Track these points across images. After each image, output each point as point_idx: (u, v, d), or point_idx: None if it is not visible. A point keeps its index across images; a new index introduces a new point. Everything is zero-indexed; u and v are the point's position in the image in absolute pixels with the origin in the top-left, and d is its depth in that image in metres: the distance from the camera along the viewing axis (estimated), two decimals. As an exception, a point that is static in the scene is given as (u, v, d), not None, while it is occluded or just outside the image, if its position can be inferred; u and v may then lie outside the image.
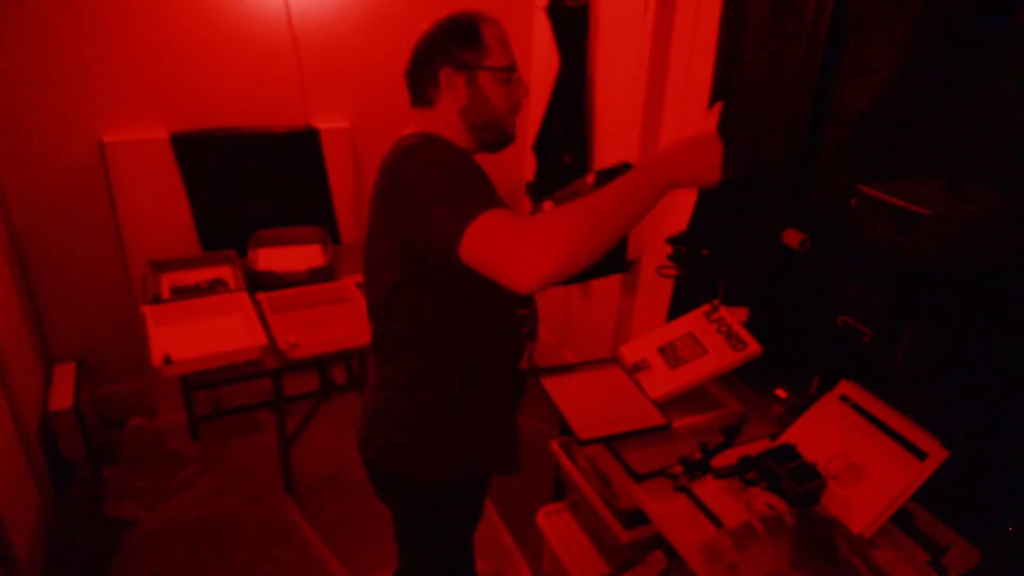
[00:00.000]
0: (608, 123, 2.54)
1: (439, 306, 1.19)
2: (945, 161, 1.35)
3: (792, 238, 1.57)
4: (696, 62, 2.03)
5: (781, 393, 1.69)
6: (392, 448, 1.31)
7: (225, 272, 2.48)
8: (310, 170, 2.72)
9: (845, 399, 1.46)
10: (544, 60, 2.74)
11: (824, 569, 1.20)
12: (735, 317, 1.69)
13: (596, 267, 0.97)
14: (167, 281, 2.40)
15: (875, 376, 1.44)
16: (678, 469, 1.41)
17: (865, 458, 1.35)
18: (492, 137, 1.24)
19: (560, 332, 3.09)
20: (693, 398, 1.64)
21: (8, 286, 2.29)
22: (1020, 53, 1.21)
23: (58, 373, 2.53)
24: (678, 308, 2.09)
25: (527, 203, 3.05)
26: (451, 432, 1.29)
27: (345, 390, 3.00)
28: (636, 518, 1.52)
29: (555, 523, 1.83)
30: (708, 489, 1.38)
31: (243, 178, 2.63)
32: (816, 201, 1.62)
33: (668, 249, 1.80)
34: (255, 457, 2.60)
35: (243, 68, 2.51)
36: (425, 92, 1.22)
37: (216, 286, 2.37)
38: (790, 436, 1.46)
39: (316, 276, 2.42)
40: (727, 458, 1.43)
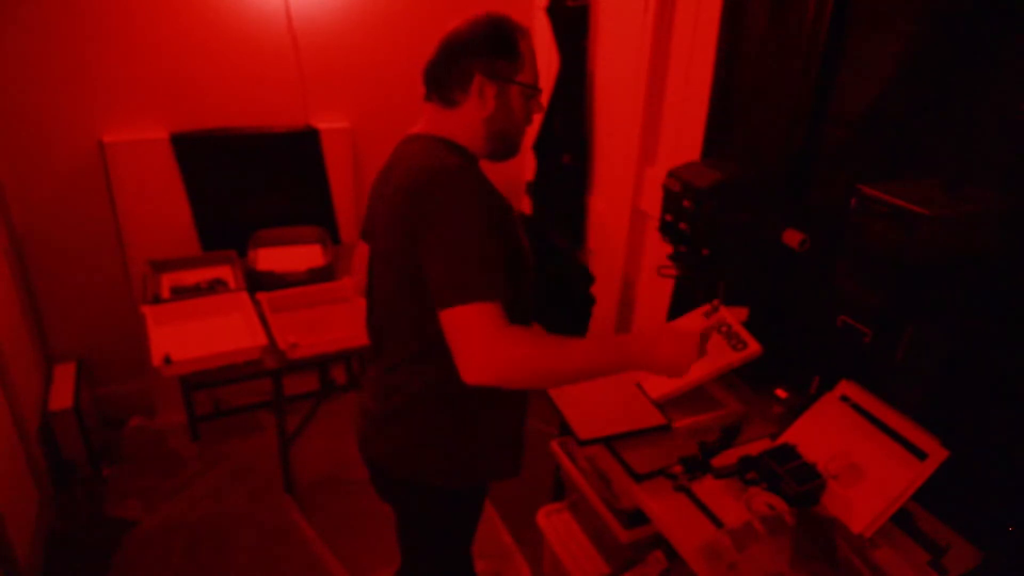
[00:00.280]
0: (608, 123, 2.54)
1: None
2: (945, 161, 1.35)
3: (792, 238, 1.57)
4: (696, 62, 2.03)
5: (781, 393, 1.69)
6: (402, 454, 1.31)
7: (225, 272, 2.48)
8: (310, 170, 2.72)
9: (845, 399, 1.46)
10: (544, 60, 2.74)
11: (824, 569, 1.20)
12: (735, 317, 1.69)
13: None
14: (167, 281, 2.40)
15: (875, 376, 1.44)
16: (678, 469, 1.41)
17: (865, 458, 1.35)
18: (503, 149, 1.25)
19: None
20: (693, 398, 1.64)
21: (8, 286, 2.28)
22: (1020, 53, 1.21)
23: (58, 373, 2.52)
24: (678, 308, 2.09)
25: (527, 202, 3.06)
26: (463, 440, 1.29)
27: (345, 390, 3.00)
28: (636, 518, 1.52)
29: (555, 523, 1.83)
30: (708, 489, 1.38)
31: (243, 178, 2.63)
32: (816, 201, 1.62)
33: (668, 249, 1.80)
34: (255, 457, 2.60)
35: (243, 68, 2.51)
36: (451, 92, 1.20)
37: (216, 286, 2.37)
38: (790, 436, 1.46)
39: (316, 276, 2.42)
40: (727, 458, 1.43)
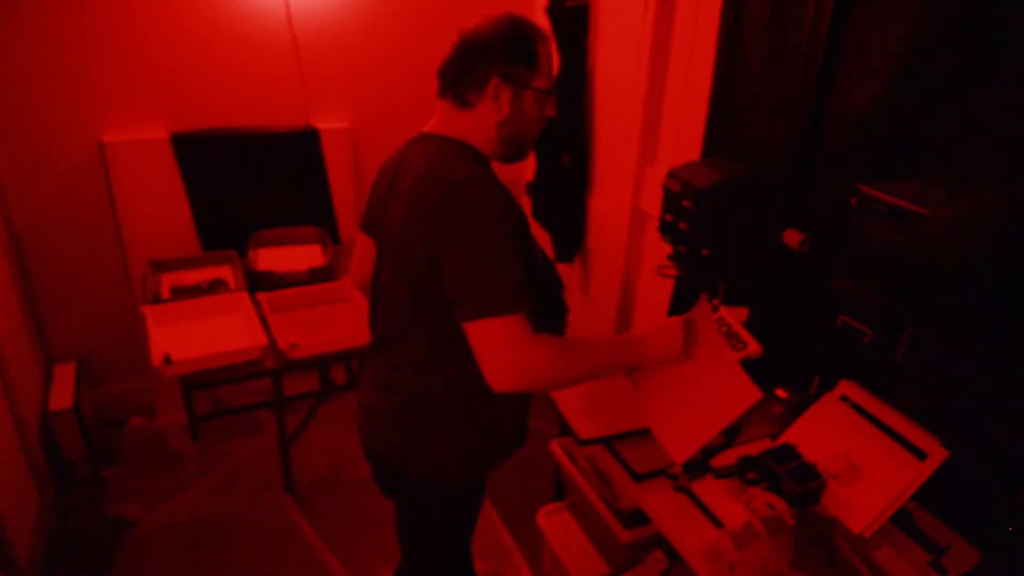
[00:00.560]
0: (608, 123, 2.53)
1: None
2: (945, 161, 1.35)
3: (792, 238, 1.57)
4: (696, 62, 2.03)
5: (781, 393, 1.69)
6: (406, 449, 1.32)
7: (225, 272, 2.48)
8: (310, 170, 2.72)
9: (845, 399, 1.46)
10: (544, 60, 2.74)
11: (824, 569, 1.21)
12: (735, 317, 1.69)
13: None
14: (167, 281, 2.40)
15: (875, 376, 1.44)
16: (678, 469, 1.41)
17: (865, 458, 1.35)
18: (514, 152, 1.26)
19: (560, 332, 3.09)
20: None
21: (8, 286, 2.29)
22: (1020, 52, 1.21)
23: (58, 373, 2.53)
24: (678, 308, 2.09)
25: (527, 202, 3.05)
26: (467, 436, 1.30)
27: (345, 390, 3.00)
28: (636, 518, 1.52)
29: (555, 523, 1.83)
30: (708, 489, 1.38)
31: (243, 178, 2.63)
32: (816, 201, 1.62)
33: (668, 249, 1.80)
34: (255, 457, 2.60)
35: (243, 68, 2.51)
36: (466, 94, 1.19)
37: (216, 286, 2.37)
38: (790, 436, 1.46)
39: (316, 276, 2.42)
40: (727, 458, 1.43)
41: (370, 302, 1.39)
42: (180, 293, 2.31)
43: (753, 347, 1.61)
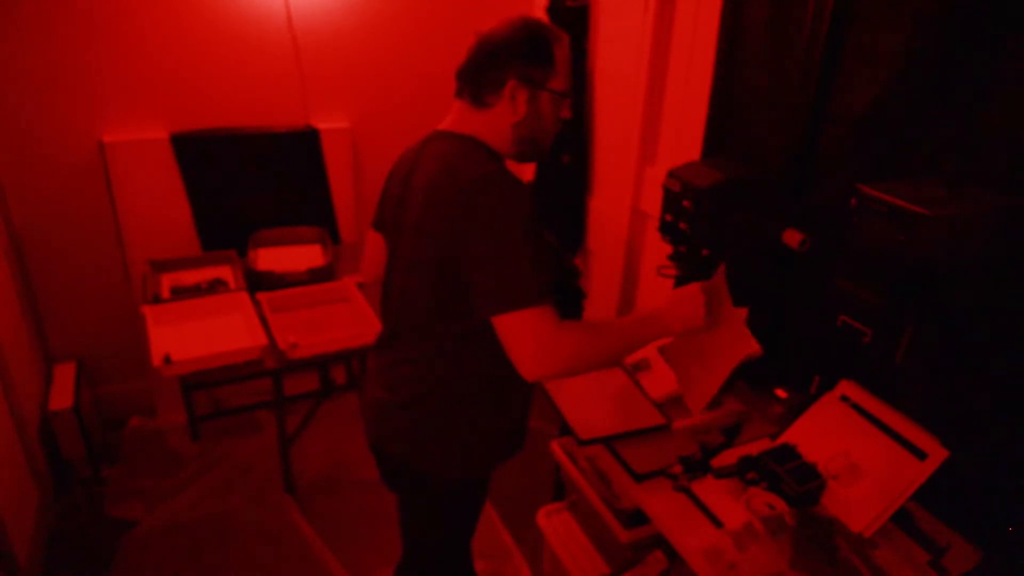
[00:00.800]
0: (608, 123, 2.53)
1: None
2: (945, 161, 1.35)
3: (792, 238, 1.57)
4: (696, 62, 2.03)
5: (781, 393, 1.69)
6: (415, 442, 1.33)
7: (225, 272, 2.48)
8: (310, 170, 2.72)
9: (845, 399, 1.46)
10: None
11: (824, 569, 1.21)
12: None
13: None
14: (167, 281, 2.40)
15: (875, 376, 1.44)
16: (678, 469, 1.41)
17: (865, 458, 1.35)
18: (530, 152, 1.27)
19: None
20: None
21: (8, 286, 2.29)
22: (1020, 52, 1.21)
23: (58, 373, 2.53)
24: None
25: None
26: (481, 430, 1.33)
27: (345, 390, 3.00)
28: (636, 518, 1.52)
29: (555, 523, 1.83)
30: (708, 489, 1.38)
31: (243, 178, 2.63)
32: (816, 201, 1.62)
33: (668, 249, 1.80)
34: (255, 457, 2.60)
35: (243, 68, 2.51)
36: (484, 94, 1.20)
37: (216, 286, 2.37)
38: (790, 436, 1.46)
39: (316, 276, 2.42)
40: (727, 458, 1.43)
41: (382, 297, 1.40)
42: (180, 293, 2.31)
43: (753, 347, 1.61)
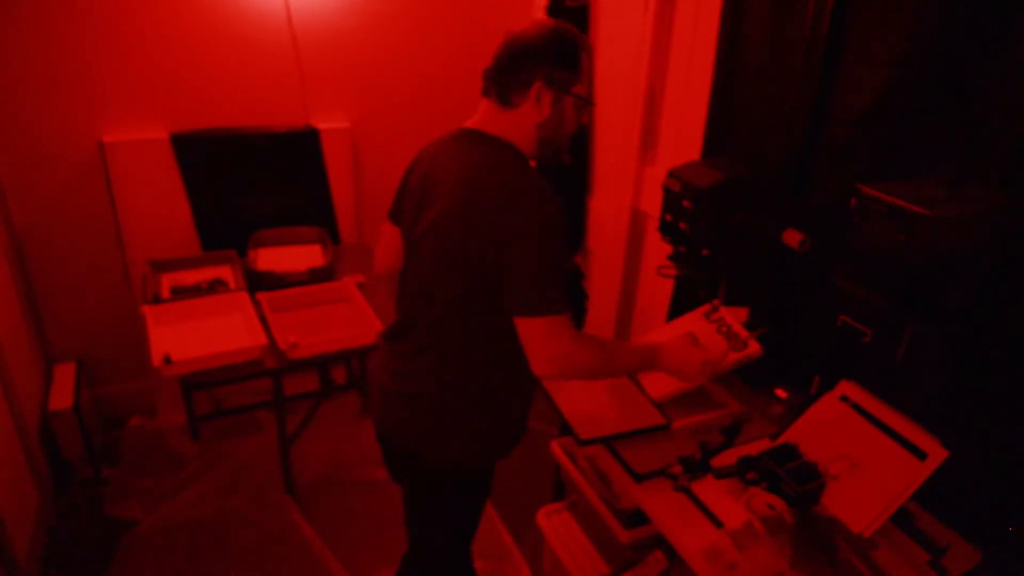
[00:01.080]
0: (608, 123, 2.54)
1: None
2: (945, 161, 1.35)
3: (792, 238, 1.57)
4: (696, 62, 2.03)
5: (781, 393, 1.69)
6: (428, 432, 1.35)
7: (225, 272, 2.48)
8: (310, 170, 2.72)
9: (845, 399, 1.46)
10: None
11: (824, 569, 1.20)
12: (735, 317, 1.69)
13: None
14: (167, 281, 2.40)
15: (875, 376, 1.44)
16: (678, 469, 1.41)
17: (865, 458, 1.35)
18: (550, 153, 1.29)
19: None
20: (693, 398, 1.63)
21: (8, 286, 2.29)
22: (1020, 53, 1.21)
23: (58, 373, 2.53)
24: (678, 308, 2.09)
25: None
26: (489, 421, 1.36)
27: (345, 390, 3.00)
28: (636, 518, 1.52)
29: (555, 523, 1.83)
30: (708, 489, 1.38)
31: (243, 178, 2.63)
32: (816, 201, 1.62)
33: (668, 249, 1.80)
34: (255, 457, 2.60)
35: (243, 68, 2.51)
36: (511, 94, 1.24)
37: (216, 286, 2.37)
38: (790, 436, 1.46)
39: (316, 276, 2.42)
40: (727, 458, 1.43)
41: (398, 288, 1.42)
42: (180, 293, 2.31)
43: (753, 347, 1.61)
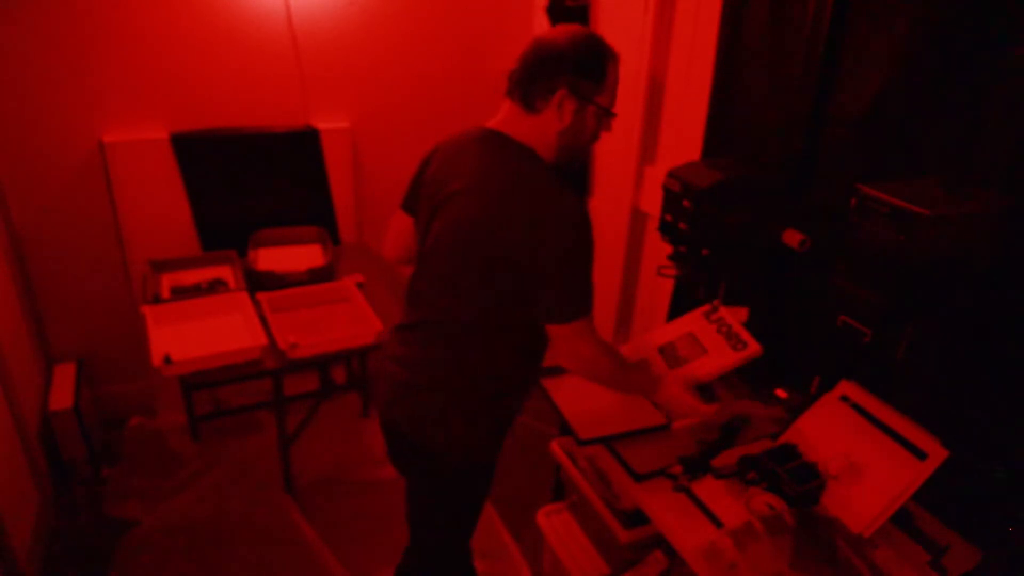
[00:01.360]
0: (608, 123, 2.53)
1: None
2: (945, 161, 1.35)
3: (792, 238, 1.57)
4: (696, 62, 2.03)
5: (781, 393, 1.69)
6: (437, 423, 1.35)
7: (225, 272, 2.48)
8: (310, 170, 2.72)
9: (845, 399, 1.46)
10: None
11: (824, 569, 1.20)
12: (735, 317, 1.69)
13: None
14: (167, 281, 2.40)
15: (875, 376, 1.44)
16: (678, 469, 1.41)
17: (865, 458, 1.35)
18: (567, 161, 1.30)
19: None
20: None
21: (8, 286, 2.29)
22: (1020, 53, 1.21)
23: (58, 373, 2.53)
24: (678, 308, 2.09)
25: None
26: (496, 412, 1.38)
27: (345, 390, 3.00)
28: (636, 518, 1.51)
29: (555, 523, 1.83)
30: (708, 489, 1.38)
31: (243, 178, 2.63)
32: (816, 201, 1.62)
33: (668, 249, 1.80)
34: (255, 457, 2.60)
35: (243, 68, 2.51)
36: (535, 99, 1.24)
37: (216, 286, 2.37)
38: (790, 436, 1.46)
39: (316, 276, 2.42)
40: (727, 458, 1.43)
41: (412, 280, 1.43)
42: (180, 293, 2.31)
43: (753, 347, 1.61)
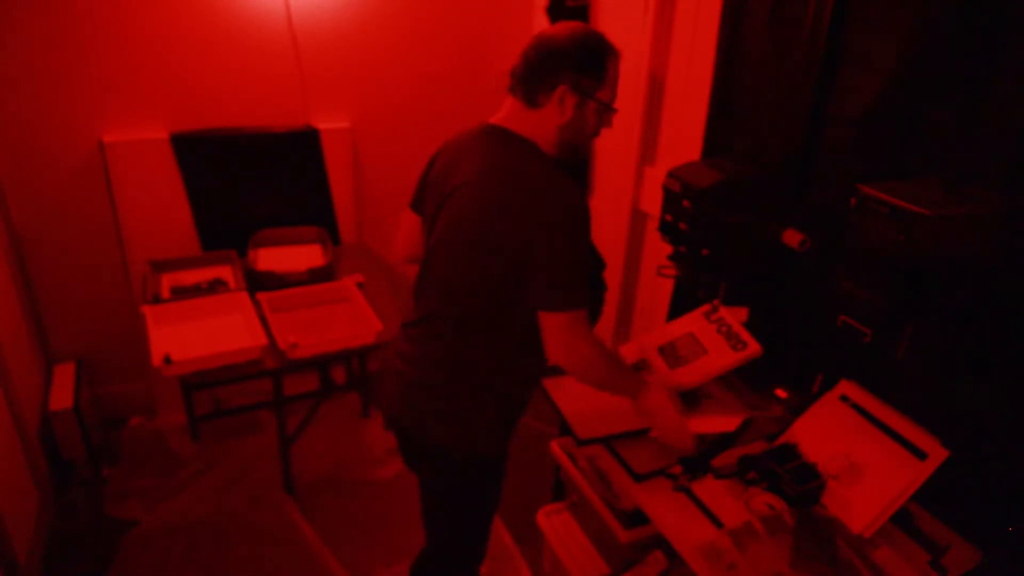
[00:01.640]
0: (608, 123, 2.53)
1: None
2: (945, 161, 1.35)
3: (792, 238, 1.57)
4: (696, 62, 2.03)
5: (781, 393, 1.69)
6: (447, 417, 1.36)
7: (225, 272, 2.48)
8: (310, 170, 2.72)
9: (845, 399, 1.46)
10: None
11: (824, 569, 1.21)
12: (735, 317, 1.69)
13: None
14: (167, 281, 2.40)
15: (875, 376, 1.44)
16: (678, 469, 1.41)
17: (865, 458, 1.35)
18: (569, 155, 1.31)
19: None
20: (693, 398, 1.63)
21: (8, 286, 2.28)
22: (1020, 53, 1.21)
23: (58, 373, 2.53)
24: (678, 308, 2.09)
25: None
26: (504, 404, 1.39)
27: (345, 390, 3.00)
28: (636, 518, 1.51)
29: (555, 523, 1.83)
30: (708, 489, 1.38)
31: (243, 178, 2.63)
32: (816, 201, 1.62)
33: (668, 249, 1.80)
34: (255, 457, 2.60)
35: (243, 68, 2.51)
36: (536, 95, 1.26)
37: (216, 286, 2.37)
38: (790, 436, 1.46)
39: (316, 276, 2.42)
40: (727, 458, 1.43)
41: (417, 277, 1.44)
42: (180, 293, 2.31)
43: (753, 347, 1.61)
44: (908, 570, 1.22)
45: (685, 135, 2.09)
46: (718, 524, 1.30)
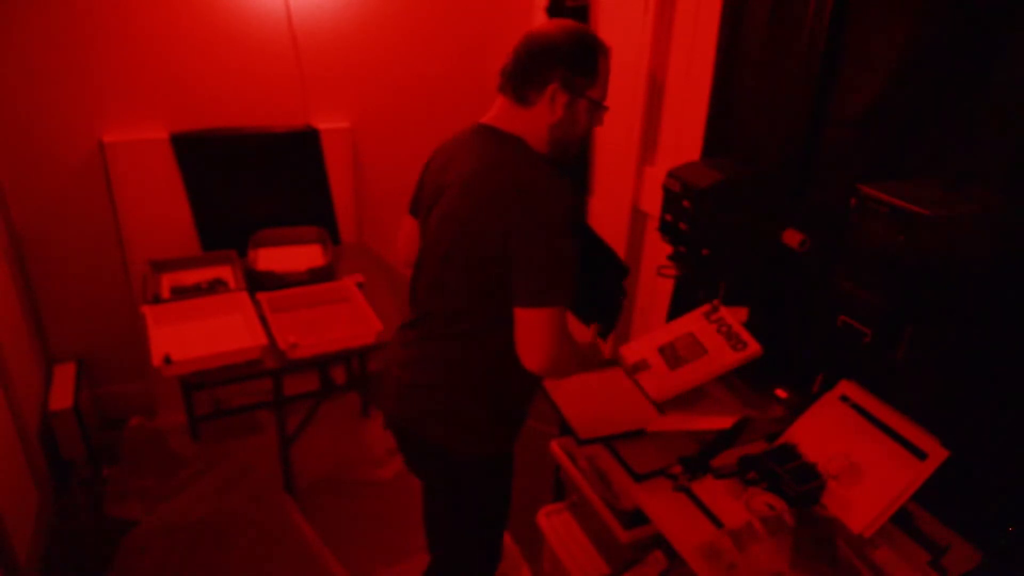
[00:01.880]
0: (607, 123, 2.53)
1: None
2: (945, 161, 1.35)
3: (792, 238, 1.57)
4: (696, 62, 2.03)
5: (781, 393, 1.69)
6: (448, 418, 1.36)
7: (225, 272, 2.48)
8: (310, 170, 2.72)
9: (845, 399, 1.46)
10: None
11: (824, 569, 1.21)
12: (735, 317, 1.69)
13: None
14: (167, 281, 2.40)
15: (875, 376, 1.44)
16: (678, 469, 1.41)
17: (865, 458, 1.35)
18: (560, 153, 1.31)
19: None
20: (693, 398, 1.63)
21: (8, 286, 2.29)
22: (1020, 52, 1.21)
23: (58, 373, 2.53)
24: (678, 308, 2.09)
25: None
26: (505, 404, 1.38)
27: (345, 390, 3.00)
28: (636, 518, 1.51)
29: (555, 523, 1.83)
30: (708, 489, 1.38)
31: (243, 178, 2.63)
32: (816, 201, 1.62)
33: (668, 249, 1.80)
34: (255, 457, 2.60)
35: (243, 68, 2.51)
36: (527, 93, 1.25)
37: (216, 286, 2.37)
38: (790, 436, 1.46)
39: (316, 276, 2.42)
40: (727, 458, 1.43)
41: (412, 279, 1.44)
42: (180, 293, 2.31)
43: (753, 347, 1.61)
44: (908, 570, 1.22)
45: (685, 135, 2.08)
46: (718, 524, 1.30)
